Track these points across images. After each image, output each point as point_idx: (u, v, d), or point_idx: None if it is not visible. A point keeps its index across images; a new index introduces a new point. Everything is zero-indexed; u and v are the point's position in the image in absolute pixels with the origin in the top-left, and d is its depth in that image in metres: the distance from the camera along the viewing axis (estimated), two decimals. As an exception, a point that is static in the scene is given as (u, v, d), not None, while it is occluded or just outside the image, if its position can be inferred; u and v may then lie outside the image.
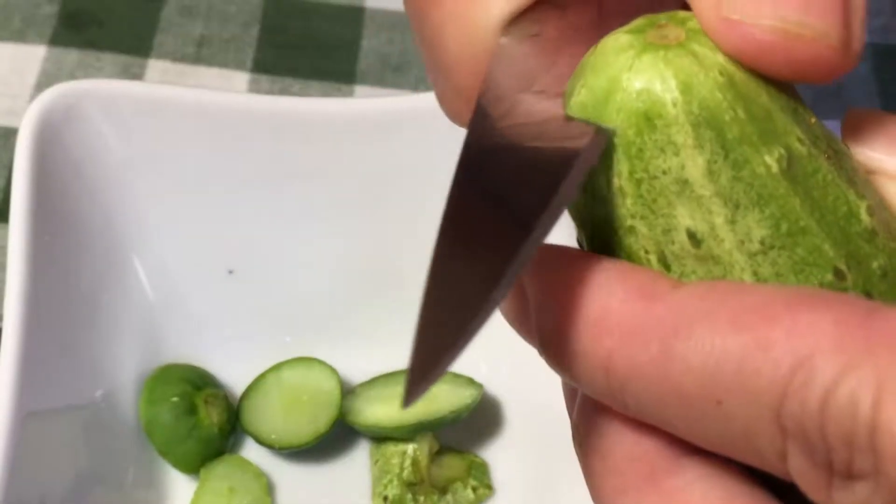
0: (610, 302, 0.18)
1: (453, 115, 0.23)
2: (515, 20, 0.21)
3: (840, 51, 0.18)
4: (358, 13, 0.52)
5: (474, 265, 0.18)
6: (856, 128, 0.21)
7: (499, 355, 0.42)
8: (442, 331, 0.17)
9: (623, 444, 0.19)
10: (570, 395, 0.21)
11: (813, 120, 0.20)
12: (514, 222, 0.18)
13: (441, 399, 0.40)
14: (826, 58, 0.18)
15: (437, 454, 0.40)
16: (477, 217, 0.19)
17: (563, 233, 0.20)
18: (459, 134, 0.39)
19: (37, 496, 0.34)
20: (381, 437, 0.40)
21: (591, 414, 0.20)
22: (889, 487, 0.16)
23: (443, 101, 0.23)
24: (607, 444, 0.20)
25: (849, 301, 0.17)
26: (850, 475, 0.16)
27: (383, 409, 0.40)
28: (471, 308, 0.17)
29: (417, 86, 0.50)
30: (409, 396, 0.17)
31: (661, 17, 0.20)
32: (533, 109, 0.21)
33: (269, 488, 0.40)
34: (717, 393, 0.17)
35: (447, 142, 0.40)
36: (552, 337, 0.19)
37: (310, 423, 0.40)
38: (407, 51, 0.51)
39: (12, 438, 0.32)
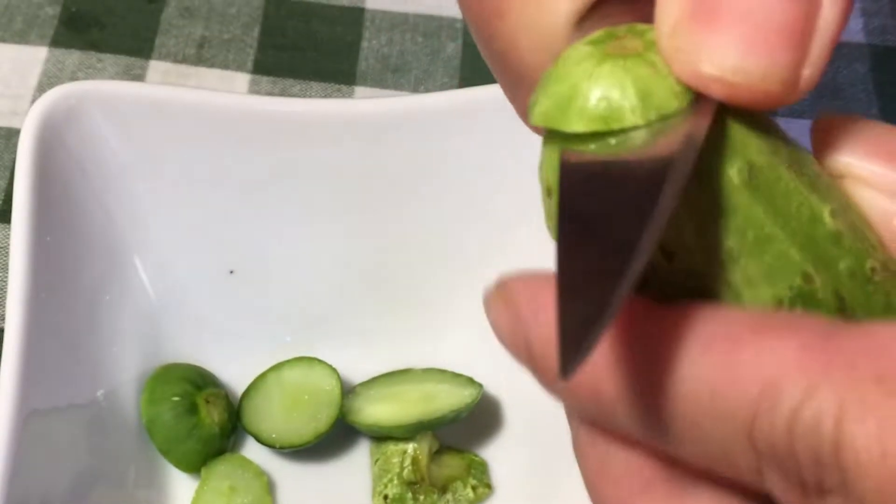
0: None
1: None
2: (585, 16, 0.21)
3: (782, 90, 0.19)
4: (358, 14, 0.53)
5: (596, 269, 0.18)
6: (824, 133, 0.21)
7: (498, 355, 0.42)
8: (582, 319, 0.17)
9: (619, 455, 0.20)
10: None
11: (772, 128, 0.20)
12: (626, 226, 0.18)
13: (441, 398, 0.40)
14: (767, 97, 0.19)
15: (437, 453, 0.40)
16: (591, 223, 0.19)
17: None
18: (458, 135, 0.40)
19: (38, 495, 0.34)
20: (381, 436, 0.41)
21: (588, 425, 0.20)
22: (858, 500, 0.17)
23: (524, 114, 0.22)
24: (604, 454, 0.20)
25: (812, 324, 0.18)
26: (821, 491, 0.17)
27: (383, 409, 0.40)
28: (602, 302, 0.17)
29: (417, 87, 0.50)
30: (566, 368, 0.17)
31: (621, 29, 0.20)
32: None
33: (269, 487, 0.40)
34: (695, 417, 0.18)
35: (446, 142, 0.40)
36: (538, 357, 0.19)
37: (310, 423, 0.40)
38: (406, 52, 0.52)
39: (14, 437, 0.33)
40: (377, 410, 0.40)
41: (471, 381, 0.40)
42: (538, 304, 0.19)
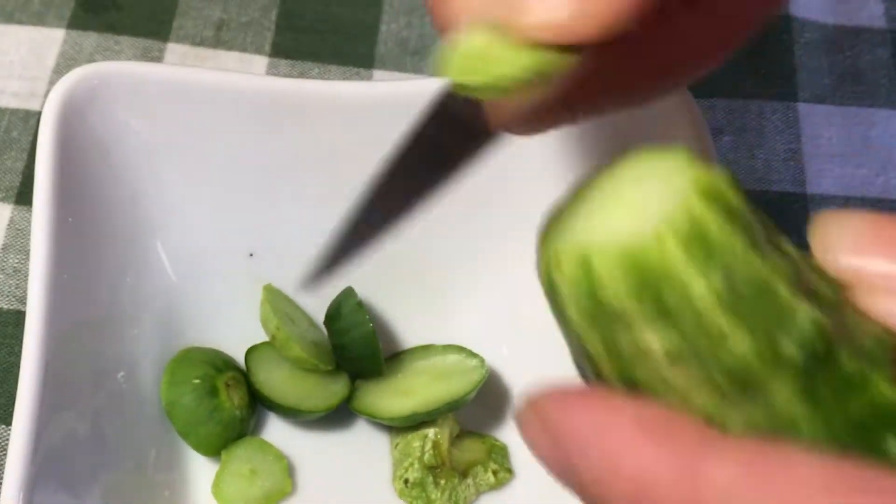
0: (650, 467, 0.19)
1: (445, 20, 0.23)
2: None
3: (595, 25, 0.20)
4: (376, -3, 0.52)
5: None
6: (825, 235, 0.21)
7: (520, 339, 0.42)
8: None
9: None
10: None
11: (754, 226, 0.20)
12: None
13: (452, 380, 0.40)
14: (587, 32, 0.21)
15: (458, 437, 0.40)
16: None
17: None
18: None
19: (58, 477, 0.34)
20: (397, 426, 0.40)
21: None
22: None
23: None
24: None
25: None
26: None
27: (394, 402, 0.40)
28: None
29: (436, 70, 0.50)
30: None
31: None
32: None
33: (289, 470, 0.40)
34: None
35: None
36: (588, 484, 0.20)
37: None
38: (426, 35, 0.51)
39: (35, 420, 0.33)
40: (389, 404, 0.40)
41: (472, 353, 0.40)
42: (580, 433, 0.20)
